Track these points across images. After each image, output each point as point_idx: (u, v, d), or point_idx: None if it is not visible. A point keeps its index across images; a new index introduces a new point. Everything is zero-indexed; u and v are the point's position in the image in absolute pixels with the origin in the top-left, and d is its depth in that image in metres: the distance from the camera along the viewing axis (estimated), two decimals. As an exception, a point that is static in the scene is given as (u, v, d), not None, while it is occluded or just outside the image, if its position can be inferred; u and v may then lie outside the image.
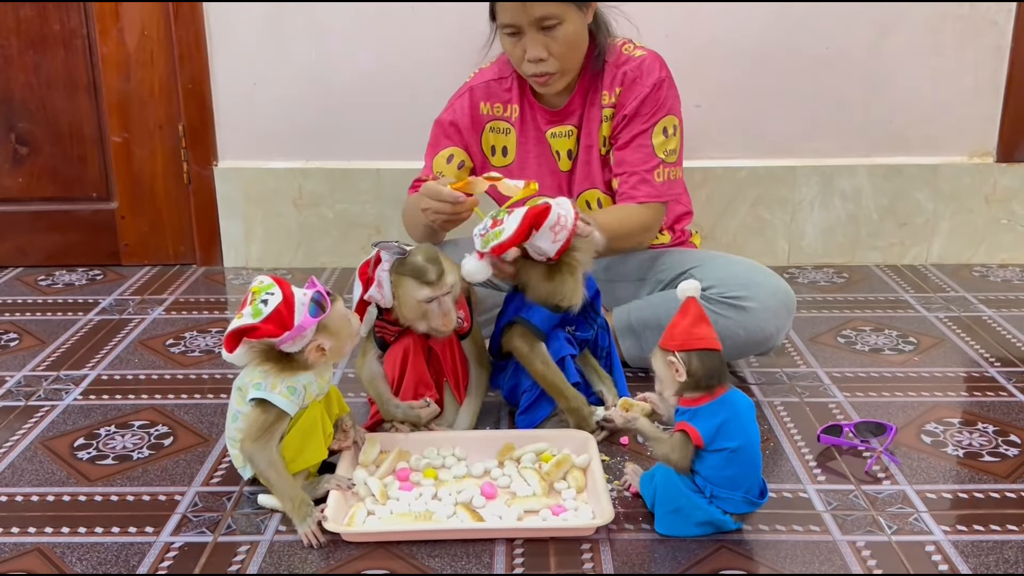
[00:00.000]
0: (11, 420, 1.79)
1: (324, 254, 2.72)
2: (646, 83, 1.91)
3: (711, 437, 1.33)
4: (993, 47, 2.58)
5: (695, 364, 1.34)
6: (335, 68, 2.58)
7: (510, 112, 2.00)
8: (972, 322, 2.27)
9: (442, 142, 2.02)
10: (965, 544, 1.38)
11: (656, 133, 1.92)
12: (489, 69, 2.03)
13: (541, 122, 1.99)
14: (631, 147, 1.92)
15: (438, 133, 2.03)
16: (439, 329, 1.60)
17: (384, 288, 1.58)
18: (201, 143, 2.64)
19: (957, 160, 2.67)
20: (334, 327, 1.43)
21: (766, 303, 1.85)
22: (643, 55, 1.94)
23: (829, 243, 2.70)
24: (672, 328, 1.37)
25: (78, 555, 1.37)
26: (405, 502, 1.47)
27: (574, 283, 1.60)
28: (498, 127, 2.01)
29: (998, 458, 1.63)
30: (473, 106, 2.00)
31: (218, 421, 1.77)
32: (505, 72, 2.00)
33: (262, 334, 1.38)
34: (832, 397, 1.87)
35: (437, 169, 2.01)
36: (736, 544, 1.38)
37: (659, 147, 1.92)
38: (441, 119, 2.03)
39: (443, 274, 1.57)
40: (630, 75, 1.92)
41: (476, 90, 2.01)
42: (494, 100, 2.00)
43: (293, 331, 1.38)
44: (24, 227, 2.71)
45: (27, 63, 2.58)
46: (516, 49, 1.86)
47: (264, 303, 1.39)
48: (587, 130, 1.97)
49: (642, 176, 1.91)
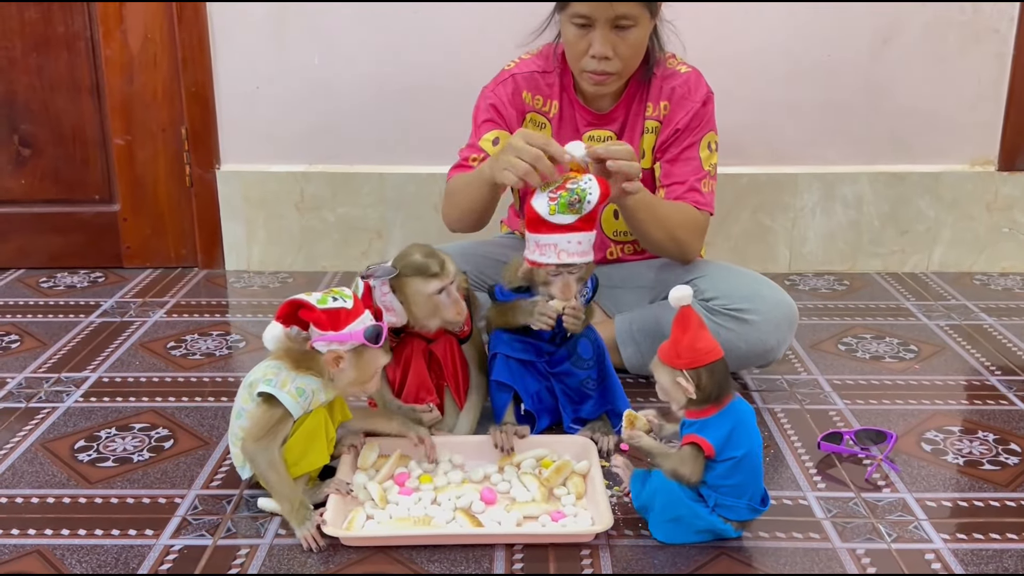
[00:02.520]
0: (12, 422, 1.79)
1: (325, 258, 2.72)
2: (695, 99, 1.91)
3: (721, 447, 1.33)
4: (995, 55, 2.58)
5: (705, 379, 1.33)
6: (338, 72, 2.59)
7: (549, 107, 1.96)
8: (973, 330, 2.27)
9: (487, 126, 1.95)
10: (965, 552, 1.38)
11: (702, 147, 1.91)
12: (531, 60, 1.98)
13: (580, 122, 1.96)
14: (681, 160, 1.91)
15: (481, 119, 1.96)
16: (452, 319, 1.60)
17: (395, 307, 1.58)
18: (203, 146, 2.64)
19: (959, 168, 2.67)
20: (364, 362, 1.45)
21: (768, 316, 1.84)
22: (688, 71, 1.94)
23: (830, 250, 2.70)
24: (675, 345, 1.34)
25: (78, 557, 1.37)
26: (404, 506, 1.47)
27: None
28: (536, 120, 1.96)
29: (998, 466, 1.63)
30: (516, 93, 1.95)
31: (218, 424, 1.77)
32: (549, 66, 1.96)
33: (315, 317, 1.41)
34: (832, 404, 1.87)
35: (487, 150, 1.92)
36: (736, 551, 1.38)
37: (705, 160, 1.91)
38: (482, 105, 1.97)
39: (444, 263, 1.58)
40: (679, 91, 1.91)
41: (520, 79, 1.95)
42: (535, 92, 1.95)
43: (339, 334, 1.41)
44: (26, 229, 2.71)
45: (30, 65, 2.59)
46: (581, 42, 1.81)
47: (334, 300, 1.43)
48: (628, 138, 1.95)
49: (691, 185, 1.90)
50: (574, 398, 1.71)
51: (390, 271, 1.55)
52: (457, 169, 1.94)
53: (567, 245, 1.56)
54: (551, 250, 1.56)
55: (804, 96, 2.60)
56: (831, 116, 2.62)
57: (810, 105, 2.61)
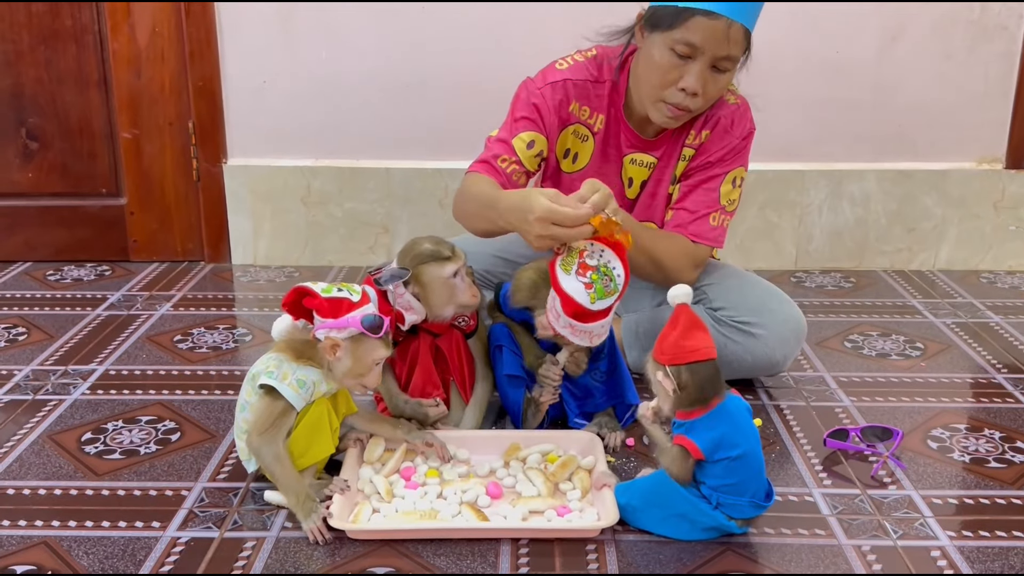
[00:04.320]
0: (19, 414, 1.80)
1: (332, 252, 2.73)
2: (736, 133, 1.84)
3: (711, 449, 1.33)
4: (1003, 52, 2.58)
5: (684, 377, 1.32)
6: (345, 66, 2.59)
7: (595, 121, 1.85)
8: (979, 328, 2.26)
9: (524, 124, 1.82)
10: (970, 550, 1.38)
11: (727, 181, 1.86)
12: (584, 66, 1.84)
13: (624, 143, 1.87)
14: (700, 189, 1.85)
15: (520, 113, 1.83)
16: (468, 303, 1.61)
17: (414, 305, 1.58)
18: (211, 140, 2.65)
19: (966, 166, 2.67)
20: (362, 352, 1.45)
21: (776, 331, 1.82)
22: (736, 102, 1.86)
23: (837, 247, 2.70)
24: (662, 340, 1.35)
25: (85, 548, 1.37)
26: (410, 500, 1.47)
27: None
28: (580, 132, 1.86)
29: (1004, 464, 1.63)
30: (565, 102, 1.83)
31: (225, 417, 1.78)
32: (603, 76, 1.84)
33: (317, 304, 1.42)
34: (839, 401, 1.87)
35: (519, 153, 1.82)
36: (741, 547, 1.38)
37: (724, 195, 1.86)
38: (524, 99, 1.84)
39: (454, 247, 1.60)
40: (723, 122, 1.84)
41: (571, 86, 1.83)
42: (584, 102, 1.84)
43: (337, 321, 1.41)
44: (33, 222, 2.72)
45: (38, 58, 2.59)
46: (673, 72, 1.69)
47: (339, 291, 1.44)
48: (664, 164, 1.89)
49: (699, 215, 1.84)
50: (578, 393, 1.70)
51: (400, 272, 1.56)
52: (481, 165, 1.82)
53: (600, 330, 1.55)
54: (585, 336, 1.54)
55: (812, 93, 2.60)
56: (839, 113, 2.62)
57: (818, 102, 2.61)
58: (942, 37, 2.56)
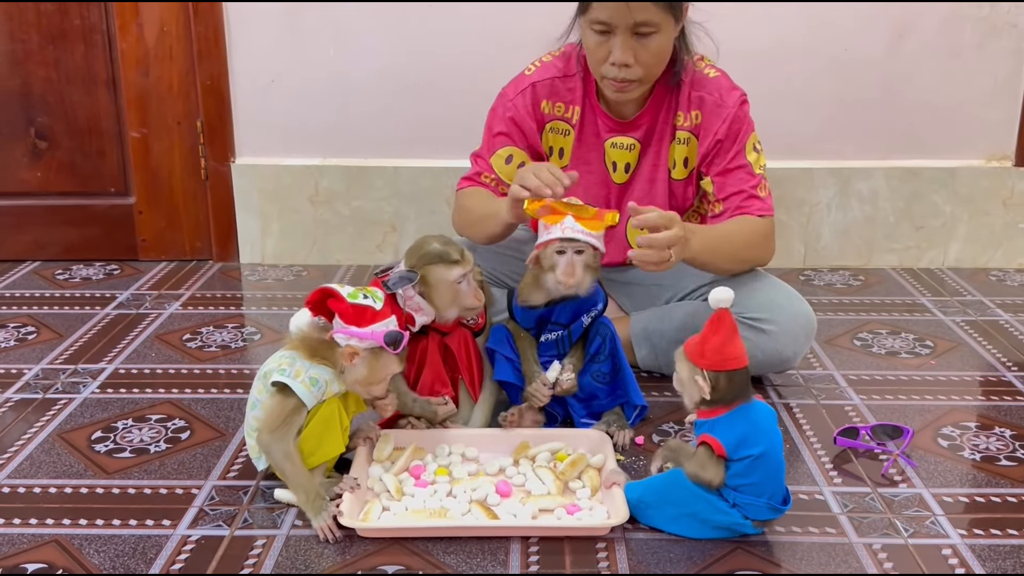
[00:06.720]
0: (29, 413, 1.80)
1: (339, 251, 2.73)
2: (728, 104, 1.85)
3: (733, 446, 1.33)
4: (1012, 49, 2.57)
5: (723, 384, 1.33)
6: (353, 65, 2.59)
7: (571, 113, 1.91)
8: (989, 326, 2.26)
9: (501, 140, 1.91)
10: (982, 548, 1.38)
11: (748, 151, 1.86)
12: (552, 64, 1.92)
13: (602, 129, 1.91)
14: (732, 171, 1.85)
15: (496, 129, 1.92)
16: (472, 305, 1.61)
17: (423, 306, 1.59)
18: (219, 139, 2.65)
19: (975, 163, 2.66)
20: (379, 364, 1.46)
21: (786, 327, 1.82)
22: (716, 75, 1.88)
23: (845, 245, 2.69)
24: (703, 343, 1.34)
25: (95, 547, 1.38)
26: (420, 498, 1.47)
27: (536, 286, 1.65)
28: (558, 127, 1.92)
29: (1015, 462, 1.63)
30: (535, 104, 1.90)
31: (234, 416, 1.78)
32: (571, 70, 1.90)
33: (342, 309, 1.43)
34: (848, 400, 1.87)
35: (497, 170, 1.91)
36: (752, 546, 1.38)
37: (754, 164, 1.86)
38: (499, 114, 1.92)
39: (463, 251, 1.60)
40: (710, 99, 1.85)
41: (539, 87, 1.90)
42: (556, 99, 1.90)
43: (362, 331, 1.42)
44: (42, 221, 2.72)
45: (47, 58, 2.60)
46: (600, 49, 1.76)
47: (365, 297, 1.45)
48: (655, 148, 1.91)
49: (749, 193, 1.85)
50: (582, 396, 1.70)
51: (409, 275, 1.56)
52: (467, 182, 1.94)
53: (572, 223, 1.58)
54: (556, 228, 1.58)
55: (820, 91, 2.59)
56: (847, 111, 2.61)
57: (826, 100, 2.60)
58: (950, 34, 2.56)
